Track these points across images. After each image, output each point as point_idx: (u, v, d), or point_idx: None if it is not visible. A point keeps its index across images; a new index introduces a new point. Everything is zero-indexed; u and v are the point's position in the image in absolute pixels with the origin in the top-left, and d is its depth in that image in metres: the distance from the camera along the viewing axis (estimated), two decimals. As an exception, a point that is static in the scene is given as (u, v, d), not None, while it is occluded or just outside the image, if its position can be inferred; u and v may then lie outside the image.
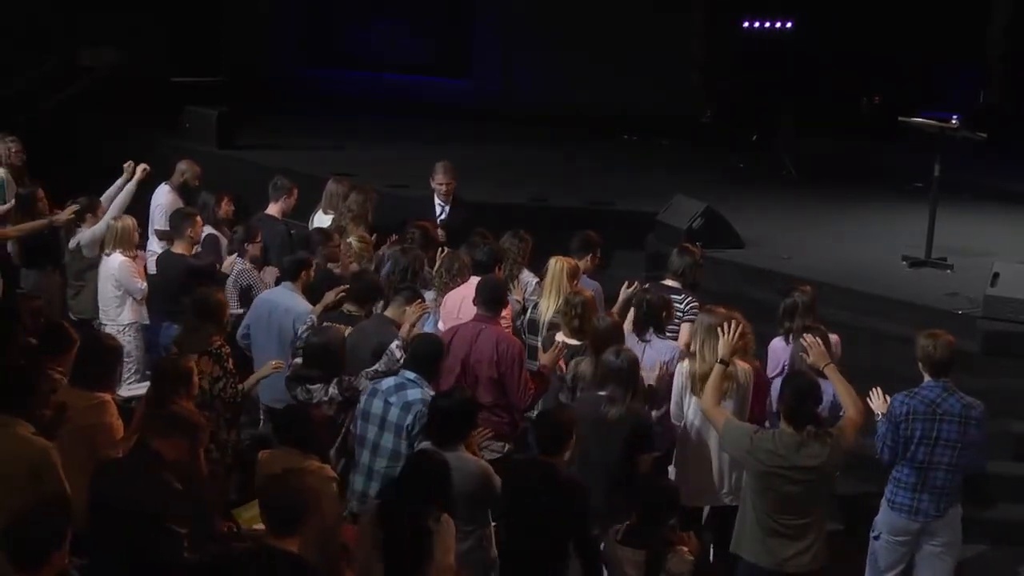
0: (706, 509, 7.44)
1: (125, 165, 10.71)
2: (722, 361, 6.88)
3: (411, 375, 6.82)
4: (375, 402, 6.80)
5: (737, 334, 6.95)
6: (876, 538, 6.95)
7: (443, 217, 10.41)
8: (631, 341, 7.74)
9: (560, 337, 7.76)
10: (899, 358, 8.49)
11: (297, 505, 5.17)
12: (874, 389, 6.95)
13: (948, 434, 6.68)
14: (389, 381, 6.87)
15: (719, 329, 7.02)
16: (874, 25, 18.56)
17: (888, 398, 6.89)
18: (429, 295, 8.41)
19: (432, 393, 6.68)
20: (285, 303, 8.29)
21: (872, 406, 6.89)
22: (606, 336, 7.33)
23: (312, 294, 8.46)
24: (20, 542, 4.79)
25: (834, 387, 6.72)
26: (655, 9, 18.26)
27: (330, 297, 8.20)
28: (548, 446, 6.24)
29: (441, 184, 10.49)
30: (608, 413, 6.75)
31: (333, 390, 7.23)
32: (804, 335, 7.04)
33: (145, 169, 10.61)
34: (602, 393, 6.88)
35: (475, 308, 7.71)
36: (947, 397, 6.73)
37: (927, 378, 6.81)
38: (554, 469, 6.17)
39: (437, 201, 10.54)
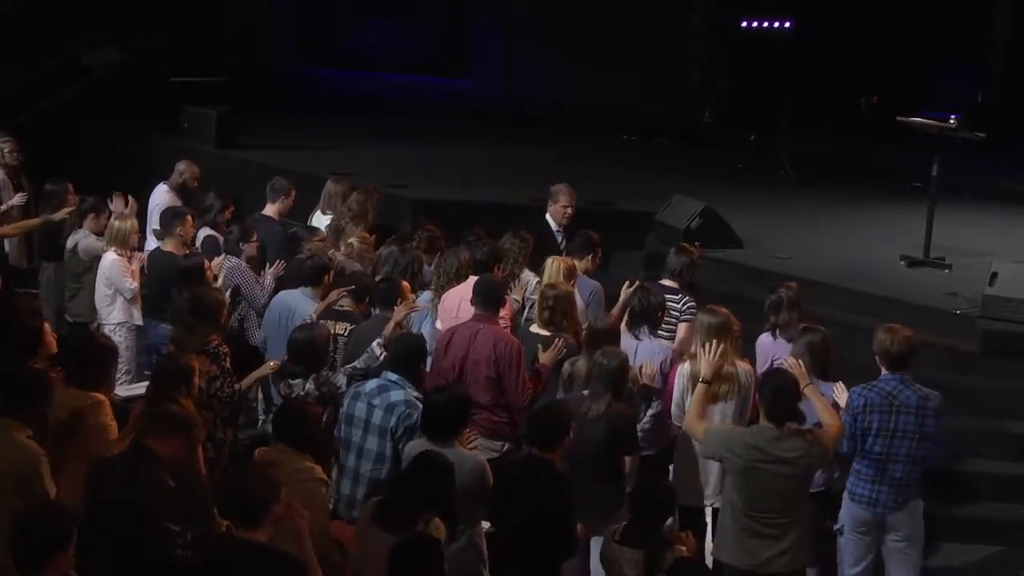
0: (708, 510, 7.44)
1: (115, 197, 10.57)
2: (704, 380, 6.92)
3: (393, 376, 6.79)
4: (358, 405, 6.77)
5: (719, 353, 6.99)
6: (840, 532, 7.04)
7: (563, 244, 9.58)
8: (624, 338, 7.75)
9: (534, 328, 7.77)
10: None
11: (259, 498, 5.16)
12: (837, 383, 7.04)
13: (905, 426, 6.78)
14: (372, 383, 6.84)
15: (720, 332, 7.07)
16: (873, 25, 18.57)
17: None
18: (426, 295, 8.42)
19: (416, 394, 6.67)
20: (301, 309, 8.26)
21: (837, 400, 6.97)
22: (603, 337, 7.35)
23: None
24: (21, 542, 4.80)
25: (813, 406, 6.74)
26: (655, 9, 18.25)
27: (333, 297, 8.21)
28: (543, 441, 6.25)
29: (566, 207, 9.83)
30: (589, 411, 6.76)
31: (310, 385, 7.23)
32: (786, 358, 7.08)
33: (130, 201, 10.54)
34: (586, 392, 6.91)
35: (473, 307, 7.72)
36: (903, 389, 6.82)
37: (884, 371, 6.90)
38: (550, 465, 6.19)
39: (553, 226, 9.83)
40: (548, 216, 9.92)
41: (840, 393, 7.00)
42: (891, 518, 6.91)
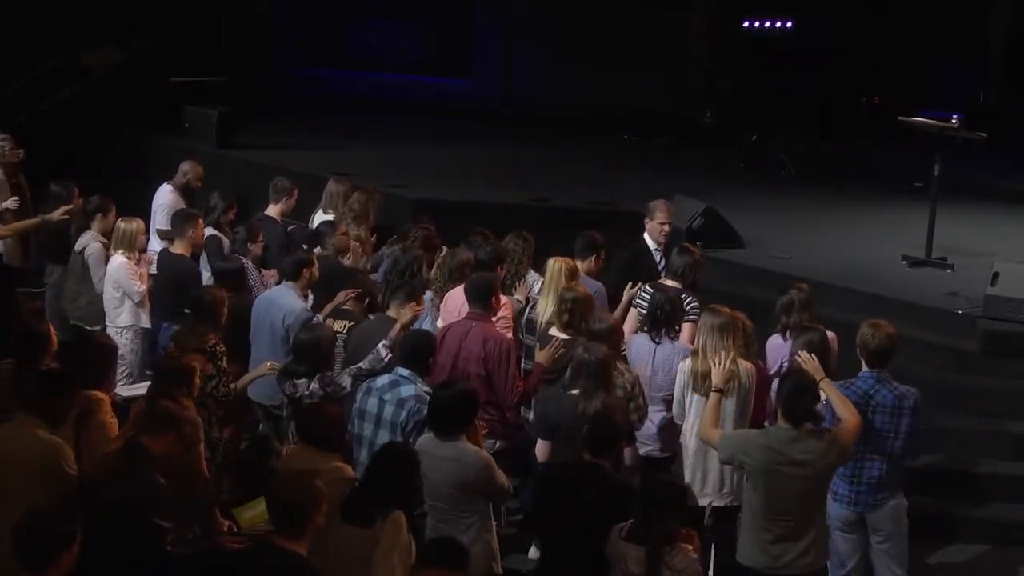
0: (708, 508, 7.43)
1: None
2: (717, 389, 6.92)
3: (404, 372, 6.85)
4: (370, 400, 6.83)
5: (729, 362, 7.00)
6: None
7: (663, 264, 9.15)
8: (642, 341, 7.75)
9: (553, 331, 7.79)
10: (898, 358, 8.50)
11: (305, 507, 5.17)
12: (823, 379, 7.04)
13: (882, 424, 6.81)
14: (383, 379, 6.90)
15: (727, 331, 7.09)
16: (874, 25, 18.58)
17: None
18: (427, 295, 8.43)
19: (426, 388, 6.71)
20: (280, 301, 8.31)
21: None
22: (602, 339, 7.32)
23: (321, 288, 8.51)
24: (26, 540, 4.81)
25: (830, 399, 6.73)
26: (655, 9, 18.26)
27: (340, 298, 8.23)
28: (599, 447, 6.27)
29: (663, 224, 9.37)
30: (586, 410, 6.77)
31: (314, 385, 7.23)
32: (799, 352, 7.06)
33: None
34: (575, 392, 6.91)
35: (474, 307, 7.75)
36: (880, 388, 6.84)
37: (864, 368, 6.92)
38: (601, 470, 6.21)
39: (651, 244, 9.38)
40: (646, 235, 9.47)
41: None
42: (872, 517, 6.95)
